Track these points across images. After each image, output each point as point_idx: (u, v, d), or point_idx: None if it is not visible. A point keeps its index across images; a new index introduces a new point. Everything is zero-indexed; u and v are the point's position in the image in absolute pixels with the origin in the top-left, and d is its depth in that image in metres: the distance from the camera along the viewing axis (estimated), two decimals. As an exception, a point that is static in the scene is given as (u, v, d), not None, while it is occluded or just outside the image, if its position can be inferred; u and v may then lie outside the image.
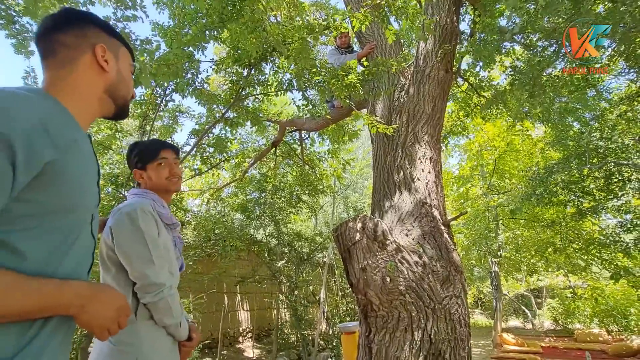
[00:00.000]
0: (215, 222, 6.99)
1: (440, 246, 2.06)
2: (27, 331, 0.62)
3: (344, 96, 2.51)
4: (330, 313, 9.15)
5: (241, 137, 7.58)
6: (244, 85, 3.07)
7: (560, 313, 9.74)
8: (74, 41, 0.78)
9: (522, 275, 11.60)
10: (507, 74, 4.26)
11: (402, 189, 2.36)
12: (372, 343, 1.85)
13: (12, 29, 2.83)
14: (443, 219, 2.25)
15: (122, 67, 0.88)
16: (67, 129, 0.69)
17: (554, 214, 7.10)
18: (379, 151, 2.73)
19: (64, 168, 0.66)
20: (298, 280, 7.96)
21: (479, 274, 12.81)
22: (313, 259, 8.77)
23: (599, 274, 8.48)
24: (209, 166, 4.76)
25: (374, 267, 1.86)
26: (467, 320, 1.95)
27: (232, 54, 3.04)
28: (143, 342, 1.11)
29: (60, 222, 0.67)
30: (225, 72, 3.30)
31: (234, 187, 7.28)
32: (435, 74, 2.73)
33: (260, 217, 7.55)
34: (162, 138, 4.63)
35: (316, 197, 7.67)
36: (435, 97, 2.69)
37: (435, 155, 2.55)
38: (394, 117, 2.73)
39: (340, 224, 2.04)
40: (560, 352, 5.75)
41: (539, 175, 5.69)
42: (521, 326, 11.34)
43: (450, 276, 1.95)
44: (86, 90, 0.79)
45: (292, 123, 4.52)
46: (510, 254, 8.34)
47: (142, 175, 1.34)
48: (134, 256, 1.13)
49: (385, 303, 1.82)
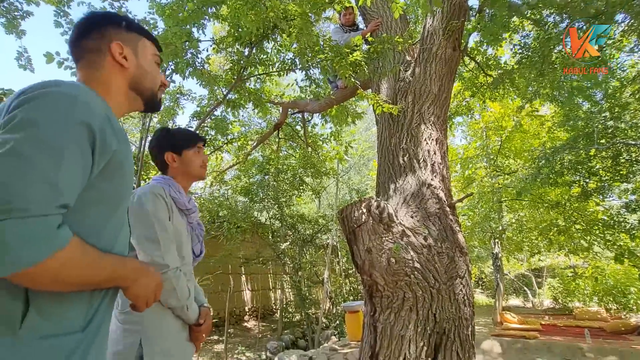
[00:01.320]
0: (219, 204, 7.03)
1: (445, 228, 2.05)
2: (92, 305, 0.70)
3: (348, 75, 2.44)
4: (333, 293, 9.34)
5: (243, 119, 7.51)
6: (245, 64, 3.00)
7: (560, 292, 9.88)
8: (95, 44, 0.84)
9: (524, 256, 11.71)
10: (515, 52, 4.13)
11: (407, 170, 2.34)
12: (377, 322, 1.87)
13: (0, 7, 2.75)
14: (448, 201, 2.24)
15: (143, 59, 0.89)
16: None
17: (559, 194, 7.06)
18: (383, 133, 2.69)
19: (123, 159, 0.73)
20: (302, 262, 8.08)
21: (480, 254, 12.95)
22: (316, 241, 8.87)
23: (600, 254, 8.53)
24: (211, 149, 4.73)
25: (379, 249, 1.86)
26: (471, 300, 1.97)
27: (233, 33, 2.95)
28: (148, 322, 1.13)
29: (118, 209, 0.76)
30: (226, 51, 3.21)
31: (237, 170, 7.27)
32: (443, 52, 2.64)
33: (263, 200, 7.58)
34: (163, 121, 4.58)
35: (319, 179, 7.66)
36: (442, 77, 2.61)
37: (441, 136, 2.50)
38: (400, 98, 2.66)
39: (345, 206, 2.03)
40: (559, 329, 5.87)
41: (545, 155, 5.61)
42: (521, 305, 11.55)
43: (455, 257, 1.95)
44: (114, 89, 0.84)
45: (295, 105, 4.45)
46: (513, 234, 8.38)
47: (174, 159, 1.37)
48: (141, 237, 1.15)
49: (390, 284, 1.84)
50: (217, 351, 6.24)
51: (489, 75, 4.39)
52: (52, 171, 0.58)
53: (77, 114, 0.64)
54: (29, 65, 3.05)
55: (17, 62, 3.06)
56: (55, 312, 0.64)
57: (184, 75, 3.03)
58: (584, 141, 5.32)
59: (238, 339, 7.33)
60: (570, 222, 6.85)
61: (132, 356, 1.08)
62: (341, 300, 8.72)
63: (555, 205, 6.71)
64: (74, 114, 0.64)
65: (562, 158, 5.03)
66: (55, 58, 2.28)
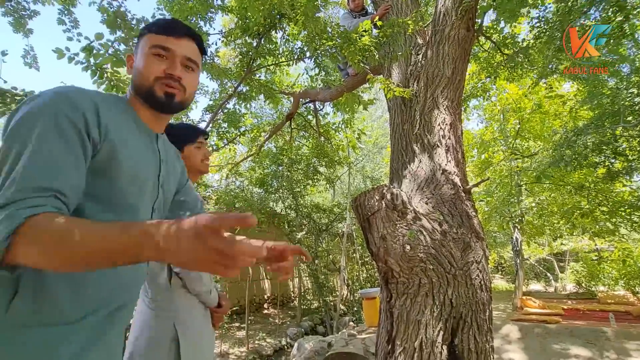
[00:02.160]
0: (235, 196, 7.15)
1: (460, 213, 2.03)
2: (87, 304, 0.69)
3: (357, 60, 2.40)
4: (350, 280, 9.43)
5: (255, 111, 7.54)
6: (254, 56, 2.99)
7: (584, 276, 9.62)
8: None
9: (545, 240, 11.42)
10: (532, 26, 3.93)
11: (420, 156, 2.31)
12: (393, 308, 1.89)
13: (8, 6, 2.83)
14: (464, 186, 2.20)
15: (138, 59, 0.83)
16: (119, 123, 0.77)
17: (582, 176, 6.81)
18: (396, 119, 2.65)
19: (115, 156, 0.73)
20: (318, 250, 8.17)
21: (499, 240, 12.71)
22: (332, 229, 8.93)
23: (627, 236, 8.21)
24: (225, 141, 4.79)
25: (393, 236, 1.87)
26: (488, 285, 1.96)
27: (240, 24, 2.94)
28: (179, 308, 1.20)
29: (118, 211, 0.74)
30: (235, 43, 3.21)
31: (251, 162, 7.35)
32: (456, 33, 2.55)
33: (278, 190, 7.65)
34: (176, 116, 4.66)
35: (333, 168, 7.66)
36: (455, 59, 2.53)
37: (455, 120, 2.44)
38: (412, 83, 2.60)
39: (359, 195, 2.03)
40: (582, 314, 5.75)
41: (567, 139, 5.39)
42: (543, 290, 11.34)
43: (471, 243, 1.93)
44: (132, 98, 0.85)
45: (306, 94, 4.43)
46: (533, 219, 8.16)
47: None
48: None
49: (405, 270, 1.84)
50: (239, 337, 6.46)
51: (506, 54, 4.21)
52: (16, 163, 0.59)
53: (57, 107, 0.65)
54: (35, 64, 3.12)
55: (23, 60, 3.14)
56: (43, 303, 0.62)
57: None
58: (610, 120, 5.07)
59: (259, 325, 7.55)
60: (594, 205, 6.61)
61: (166, 339, 1.15)
62: (358, 288, 8.80)
63: (578, 188, 6.47)
64: (52, 107, 0.65)
65: (586, 140, 4.82)
66: (65, 54, 2.33)
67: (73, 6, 2.90)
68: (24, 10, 2.80)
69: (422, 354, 1.74)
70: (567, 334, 4.08)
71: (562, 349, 3.82)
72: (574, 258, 11.97)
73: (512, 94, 7.48)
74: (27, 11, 2.81)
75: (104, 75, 2.48)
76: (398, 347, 1.81)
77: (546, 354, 3.76)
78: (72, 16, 2.83)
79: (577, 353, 3.70)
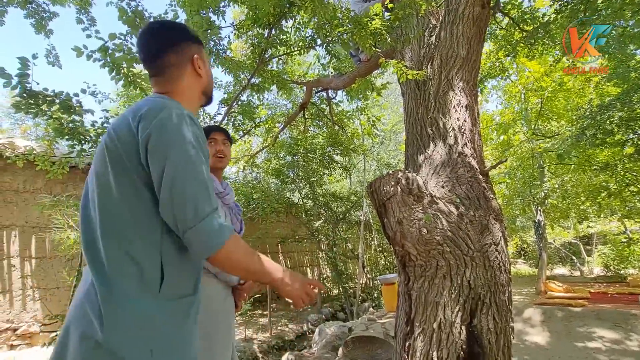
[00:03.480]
0: (253, 187, 7.27)
1: (478, 195, 2.01)
2: (197, 276, 0.95)
3: (369, 45, 2.38)
4: (369, 267, 9.49)
5: (269, 102, 7.57)
6: (265, 47, 3.01)
7: (613, 259, 9.30)
8: (177, 60, 0.99)
9: (570, 223, 11.05)
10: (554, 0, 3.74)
11: (436, 140, 2.28)
12: (411, 290, 1.92)
13: (29, 8, 2.95)
14: (481, 168, 2.17)
15: (208, 68, 1.09)
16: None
17: (609, 155, 6.51)
18: (410, 103, 2.62)
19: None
20: (336, 238, 8.24)
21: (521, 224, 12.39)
22: (349, 218, 8.97)
23: (660, 217, 7.84)
24: (241, 134, 4.86)
25: (410, 220, 1.88)
26: (508, 267, 1.95)
27: (251, 15, 2.96)
28: (206, 289, 1.26)
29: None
30: (246, 35, 3.24)
31: (267, 153, 7.43)
32: (470, 11, 2.47)
33: (294, 181, 7.72)
34: (194, 110, 4.76)
35: (348, 156, 7.64)
36: (470, 38, 2.46)
37: (471, 102, 2.39)
38: (425, 65, 2.56)
39: (374, 180, 2.05)
40: (610, 297, 5.58)
41: (591, 113, 5.14)
42: (568, 274, 11.04)
43: (489, 224, 1.92)
44: (190, 93, 1.02)
45: (319, 83, 4.41)
46: (557, 202, 7.90)
47: None
48: None
49: (422, 253, 1.86)
50: (262, 323, 6.67)
51: (525, 31, 4.03)
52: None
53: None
54: (57, 62, 3.26)
55: (46, 60, 3.29)
56: (178, 281, 0.87)
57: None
58: (639, 95, 4.80)
59: (281, 312, 7.76)
60: (623, 185, 6.33)
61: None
62: (377, 274, 8.86)
63: (604, 167, 6.20)
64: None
65: (612, 115, 4.59)
66: (84, 52, 2.43)
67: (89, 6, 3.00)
68: (44, 12, 2.93)
69: (441, 334, 1.76)
70: (592, 316, 4.00)
71: (587, 331, 3.75)
72: (602, 241, 11.55)
73: (534, 72, 7.18)
74: (47, 13, 2.94)
75: (121, 71, 2.58)
76: (417, 328, 1.85)
77: (570, 337, 3.70)
78: (89, 15, 2.94)
79: (603, 335, 3.62)
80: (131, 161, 0.82)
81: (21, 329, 4.73)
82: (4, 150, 4.46)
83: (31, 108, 2.28)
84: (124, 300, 0.78)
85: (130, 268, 0.80)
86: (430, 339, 1.78)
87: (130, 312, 0.78)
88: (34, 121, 15.53)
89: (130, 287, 0.79)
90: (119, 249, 0.80)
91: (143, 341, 0.77)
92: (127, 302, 0.78)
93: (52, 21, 3.13)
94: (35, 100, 2.24)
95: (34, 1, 2.88)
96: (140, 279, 0.80)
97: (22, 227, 5.01)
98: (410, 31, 2.69)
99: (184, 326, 0.85)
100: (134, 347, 0.76)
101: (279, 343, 5.87)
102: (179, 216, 0.79)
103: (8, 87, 2.21)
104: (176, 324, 0.83)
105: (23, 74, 2.19)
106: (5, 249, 4.82)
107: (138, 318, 0.78)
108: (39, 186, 5.20)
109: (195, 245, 0.81)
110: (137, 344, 0.76)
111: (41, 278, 5.05)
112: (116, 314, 0.76)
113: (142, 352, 0.76)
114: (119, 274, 0.79)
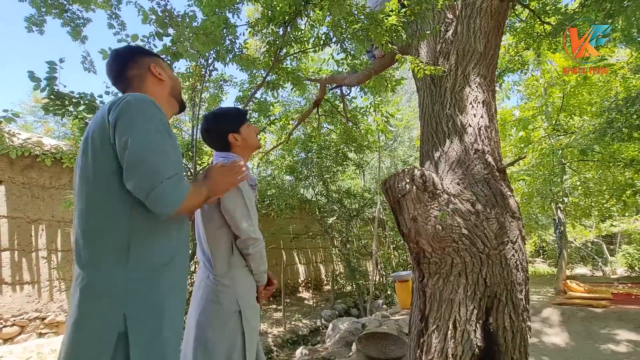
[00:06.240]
0: (268, 184, 7.35)
1: (495, 193, 1.98)
2: (173, 240, 1.02)
3: (385, 41, 2.37)
4: (383, 264, 9.46)
5: (283, 99, 7.61)
6: (280, 45, 3.03)
7: (638, 259, 8.95)
8: (137, 71, 1.15)
9: (592, 222, 10.68)
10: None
11: (452, 137, 2.26)
12: (426, 287, 1.92)
13: (65, 17, 3.07)
14: (498, 165, 2.14)
15: (169, 72, 1.22)
16: None
17: (636, 151, 6.24)
18: (425, 99, 2.59)
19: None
20: (349, 235, 8.25)
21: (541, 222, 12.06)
22: (363, 215, 8.95)
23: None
24: (256, 131, 4.91)
25: (424, 217, 1.88)
26: (525, 265, 1.92)
27: (266, 13, 2.98)
28: (238, 284, 1.32)
29: None
30: (261, 33, 3.27)
31: (281, 150, 7.49)
32: (488, 4, 2.42)
33: (308, 177, 7.76)
34: (209, 107, 4.85)
35: (362, 153, 7.61)
36: (488, 33, 2.42)
37: (488, 98, 2.35)
38: (441, 61, 2.52)
39: (388, 177, 2.05)
40: (634, 298, 5.38)
41: (617, 106, 4.94)
42: (589, 274, 10.70)
43: (505, 222, 1.89)
44: (159, 99, 1.11)
45: (333, 80, 4.41)
46: (579, 199, 7.65)
47: (236, 137, 1.45)
48: (237, 213, 1.30)
49: (437, 250, 1.86)
50: (277, 318, 6.77)
51: (547, 23, 3.90)
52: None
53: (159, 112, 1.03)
54: (92, 67, 3.39)
55: (82, 66, 3.43)
56: (148, 252, 0.95)
57: (225, 62, 3.16)
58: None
59: (294, 307, 7.85)
60: (649, 182, 6.07)
61: (231, 311, 1.28)
62: (390, 271, 8.83)
63: (630, 163, 5.96)
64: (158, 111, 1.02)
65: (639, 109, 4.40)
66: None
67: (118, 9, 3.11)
68: (78, 19, 3.04)
69: (456, 332, 1.76)
70: (615, 318, 3.88)
71: (610, 333, 3.64)
72: (626, 240, 11.12)
73: (558, 66, 6.93)
74: (81, 20, 3.05)
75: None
76: (431, 325, 1.85)
77: (591, 339, 3.60)
78: (119, 19, 3.03)
79: (626, 337, 3.51)
80: (104, 146, 0.94)
81: (49, 318, 4.98)
82: (33, 149, 4.67)
83: (58, 109, 2.39)
84: (96, 269, 0.92)
85: (100, 241, 0.93)
86: (444, 336, 1.78)
87: (101, 279, 0.90)
88: (55, 120, 16.14)
89: (102, 257, 0.92)
90: (94, 224, 0.94)
91: (116, 305, 0.88)
92: (99, 271, 0.91)
93: (85, 27, 3.24)
94: (62, 102, 2.35)
95: (69, 9, 2.99)
96: (112, 250, 0.92)
97: (49, 222, 5.25)
98: (427, 26, 2.65)
99: (155, 294, 0.93)
100: (107, 313, 0.88)
101: (292, 337, 5.95)
102: (140, 182, 0.89)
103: (37, 89, 2.32)
104: (146, 292, 0.92)
105: (51, 77, 2.30)
106: (33, 242, 5.06)
107: (109, 285, 0.90)
108: (64, 182, 5.42)
109: (156, 207, 0.91)
110: (111, 309, 0.88)
111: (67, 270, 5.29)
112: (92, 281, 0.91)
113: (116, 315, 0.87)
114: (93, 246, 0.93)
